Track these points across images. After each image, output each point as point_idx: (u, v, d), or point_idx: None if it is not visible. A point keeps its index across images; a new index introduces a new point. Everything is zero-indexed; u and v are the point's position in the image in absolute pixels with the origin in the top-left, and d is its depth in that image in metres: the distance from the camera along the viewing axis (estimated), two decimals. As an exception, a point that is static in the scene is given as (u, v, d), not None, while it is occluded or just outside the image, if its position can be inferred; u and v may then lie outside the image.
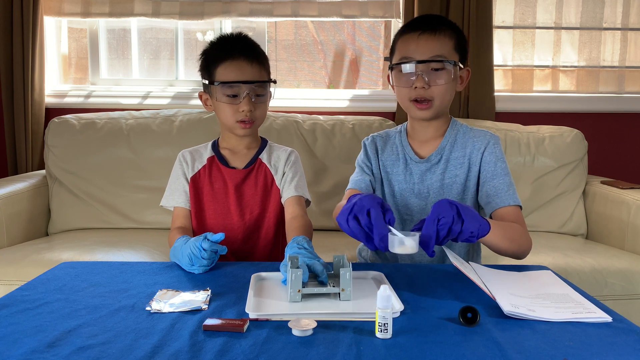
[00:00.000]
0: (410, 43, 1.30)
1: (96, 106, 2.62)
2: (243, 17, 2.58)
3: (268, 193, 1.44)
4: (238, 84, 1.34)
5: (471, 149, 1.35)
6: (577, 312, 0.93)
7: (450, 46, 1.30)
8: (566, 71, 2.69)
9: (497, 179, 1.31)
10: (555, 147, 2.30)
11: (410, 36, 1.30)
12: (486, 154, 1.33)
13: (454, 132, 1.38)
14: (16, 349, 0.79)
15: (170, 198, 1.45)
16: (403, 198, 1.38)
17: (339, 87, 2.84)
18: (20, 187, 2.15)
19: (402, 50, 1.31)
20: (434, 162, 1.36)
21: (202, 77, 1.42)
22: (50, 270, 1.16)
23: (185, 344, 0.81)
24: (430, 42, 1.28)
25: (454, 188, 1.34)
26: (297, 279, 0.97)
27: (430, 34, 1.28)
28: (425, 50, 1.28)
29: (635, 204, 1.98)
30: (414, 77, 1.28)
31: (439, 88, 1.28)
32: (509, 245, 1.19)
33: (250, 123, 1.37)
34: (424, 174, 1.36)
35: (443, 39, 1.29)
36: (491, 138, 1.35)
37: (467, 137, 1.37)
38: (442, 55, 1.28)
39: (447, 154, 1.36)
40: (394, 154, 1.41)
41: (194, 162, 1.45)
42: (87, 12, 2.58)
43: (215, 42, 1.41)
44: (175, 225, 1.43)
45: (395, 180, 1.39)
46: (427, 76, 1.27)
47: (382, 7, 2.58)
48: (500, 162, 1.32)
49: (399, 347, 0.80)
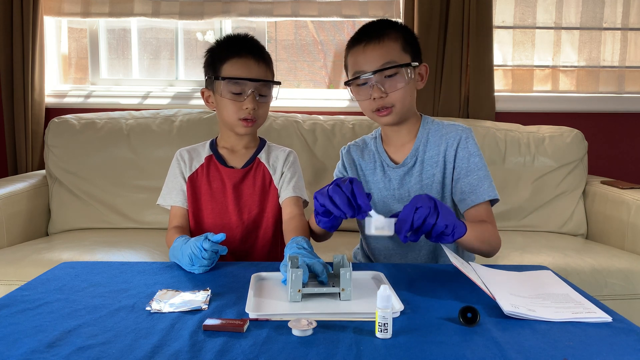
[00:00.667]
0: (358, 56, 1.29)
1: (96, 106, 2.62)
2: (243, 17, 2.58)
3: (266, 193, 1.44)
4: (244, 81, 1.34)
5: (445, 146, 1.33)
6: (577, 312, 0.93)
7: (397, 49, 1.28)
8: (566, 71, 2.69)
9: (470, 175, 1.30)
10: (555, 147, 2.30)
11: (357, 49, 1.30)
12: (459, 149, 1.32)
13: (425, 131, 1.37)
14: (16, 349, 0.79)
15: (168, 197, 1.44)
16: (385, 204, 1.38)
17: (339, 87, 2.84)
18: (20, 187, 2.15)
19: (352, 65, 1.31)
20: (409, 165, 1.35)
21: (206, 73, 1.42)
22: (50, 270, 1.16)
23: (185, 344, 0.81)
24: (377, 50, 1.27)
25: (433, 187, 1.33)
26: (297, 278, 0.97)
27: (375, 42, 1.27)
28: (373, 60, 1.27)
29: (635, 204, 1.98)
30: (370, 88, 1.27)
31: (396, 93, 1.27)
32: (480, 246, 1.21)
33: (252, 121, 1.37)
34: (403, 178, 1.36)
35: (388, 43, 1.27)
36: (462, 132, 1.33)
37: (440, 134, 1.35)
38: (392, 61, 1.26)
39: (421, 155, 1.35)
40: (372, 162, 1.41)
41: (192, 161, 1.45)
42: (87, 12, 2.59)
43: (223, 40, 1.42)
44: (173, 224, 1.42)
45: (375, 187, 1.39)
46: (382, 85, 1.26)
47: (382, 7, 2.58)
48: (473, 157, 1.31)
49: (399, 347, 0.80)
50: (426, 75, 1.35)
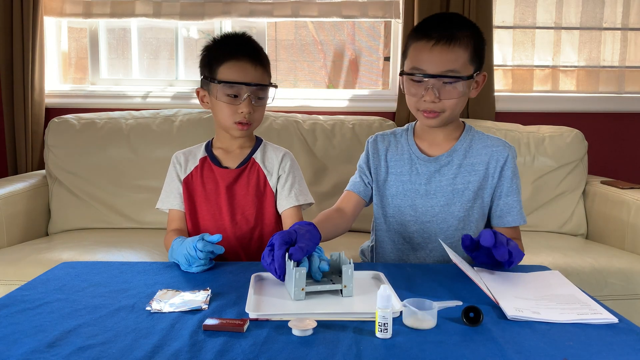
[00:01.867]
0: (423, 53, 1.23)
1: (96, 106, 2.62)
2: (243, 18, 2.58)
3: (261, 194, 1.42)
4: (240, 85, 1.32)
5: (489, 158, 1.32)
6: (583, 313, 0.92)
7: (466, 59, 1.22)
8: (566, 71, 2.69)
9: (511, 197, 1.33)
10: (555, 147, 2.30)
11: (424, 45, 1.22)
12: (506, 168, 1.32)
13: (469, 137, 1.35)
14: (16, 349, 0.79)
15: (166, 201, 1.44)
16: (407, 198, 1.36)
17: (339, 87, 2.84)
18: (20, 187, 2.15)
19: (413, 58, 1.25)
20: (443, 164, 1.33)
21: (202, 73, 1.40)
22: (50, 270, 1.16)
23: (185, 344, 0.81)
24: (444, 54, 1.20)
25: (465, 194, 1.32)
26: (300, 277, 0.97)
27: (444, 45, 1.20)
28: (437, 63, 1.21)
29: (635, 204, 1.98)
30: (424, 90, 1.23)
31: (450, 101, 1.24)
32: None
33: (247, 125, 1.36)
34: (432, 174, 1.34)
35: (458, 50, 1.21)
36: (510, 150, 1.33)
37: (484, 145, 1.34)
38: (456, 70, 1.21)
39: (460, 158, 1.33)
40: (399, 153, 1.38)
41: (187, 163, 1.44)
42: (88, 13, 2.58)
43: (219, 39, 1.39)
44: (171, 227, 1.42)
45: (398, 180, 1.37)
46: (438, 90, 1.22)
47: (382, 8, 2.58)
48: (515, 179, 1.33)
49: (399, 347, 0.80)
50: (482, 84, 1.31)
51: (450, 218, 1.33)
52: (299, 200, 1.42)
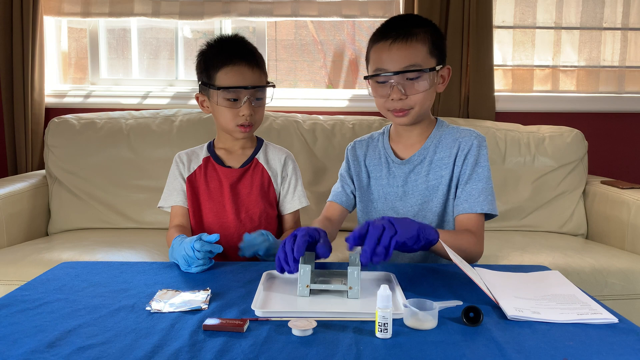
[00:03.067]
0: (382, 53, 1.24)
1: (96, 106, 2.62)
2: (243, 17, 2.58)
3: (265, 194, 1.45)
4: (239, 89, 1.34)
5: (457, 149, 1.31)
6: (583, 313, 0.92)
7: (425, 52, 1.24)
8: (566, 71, 2.69)
9: (471, 184, 1.28)
10: (555, 147, 2.30)
11: (382, 46, 1.25)
12: (469, 155, 1.30)
13: (439, 133, 1.35)
14: (16, 349, 0.79)
15: (169, 198, 1.45)
16: (387, 201, 1.37)
17: (339, 87, 2.84)
18: (20, 187, 2.15)
19: (375, 60, 1.27)
20: (416, 163, 1.34)
21: (200, 78, 1.42)
22: (50, 270, 1.16)
23: (185, 344, 0.81)
24: (403, 51, 1.22)
25: (440, 189, 1.32)
26: (305, 274, 0.98)
27: (401, 42, 1.22)
28: (398, 60, 1.22)
29: (635, 204, 1.98)
30: (390, 89, 1.24)
31: (417, 96, 1.24)
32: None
33: (249, 126, 1.39)
34: (407, 175, 1.35)
35: (416, 45, 1.23)
36: (476, 139, 1.31)
37: (453, 137, 1.33)
38: (417, 64, 1.22)
39: (430, 155, 1.33)
40: (377, 157, 1.40)
41: (190, 162, 1.47)
42: (87, 12, 2.58)
43: (214, 44, 1.41)
44: (173, 223, 1.43)
45: (378, 183, 1.38)
46: (403, 87, 1.23)
47: (382, 7, 2.58)
48: (479, 167, 1.29)
49: (399, 347, 0.80)
50: (448, 78, 1.31)
51: (430, 215, 1.34)
52: (301, 202, 1.49)
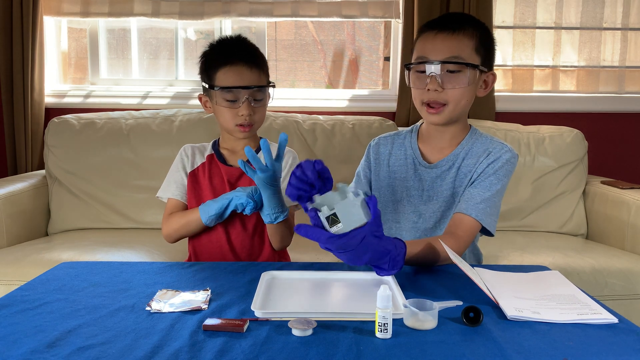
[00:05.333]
0: (427, 42, 1.23)
1: (96, 106, 2.62)
2: (243, 17, 2.58)
3: None
4: (237, 89, 1.34)
5: (485, 157, 1.27)
6: (583, 314, 0.92)
7: (471, 47, 1.21)
8: (566, 71, 2.69)
9: (478, 189, 1.24)
10: (555, 147, 2.30)
11: (427, 35, 1.23)
12: (492, 163, 1.25)
13: (471, 140, 1.30)
14: (16, 349, 0.79)
15: (167, 189, 1.45)
16: (412, 204, 1.33)
17: (339, 87, 2.84)
18: (20, 187, 2.15)
19: (418, 49, 1.25)
20: (444, 169, 1.30)
21: (202, 79, 1.43)
22: (50, 270, 1.16)
23: (185, 344, 0.81)
24: (447, 41, 1.20)
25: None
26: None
27: (448, 33, 1.20)
28: (441, 50, 1.20)
29: (635, 204, 1.98)
30: (428, 78, 1.20)
31: (453, 92, 1.20)
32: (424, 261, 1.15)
33: (249, 126, 1.39)
34: (434, 180, 1.31)
35: (462, 38, 1.20)
36: (507, 153, 1.26)
37: (484, 147, 1.28)
38: (459, 57, 1.19)
39: (459, 162, 1.29)
40: (402, 157, 1.36)
41: (195, 157, 1.47)
42: (87, 12, 2.58)
43: (215, 45, 1.41)
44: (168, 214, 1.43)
45: (402, 185, 1.34)
46: (441, 78, 1.19)
47: (382, 7, 2.58)
48: (493, 178, 1.24)
49: (399, 347, 0.80)
50: (492, 85, 1.28)
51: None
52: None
